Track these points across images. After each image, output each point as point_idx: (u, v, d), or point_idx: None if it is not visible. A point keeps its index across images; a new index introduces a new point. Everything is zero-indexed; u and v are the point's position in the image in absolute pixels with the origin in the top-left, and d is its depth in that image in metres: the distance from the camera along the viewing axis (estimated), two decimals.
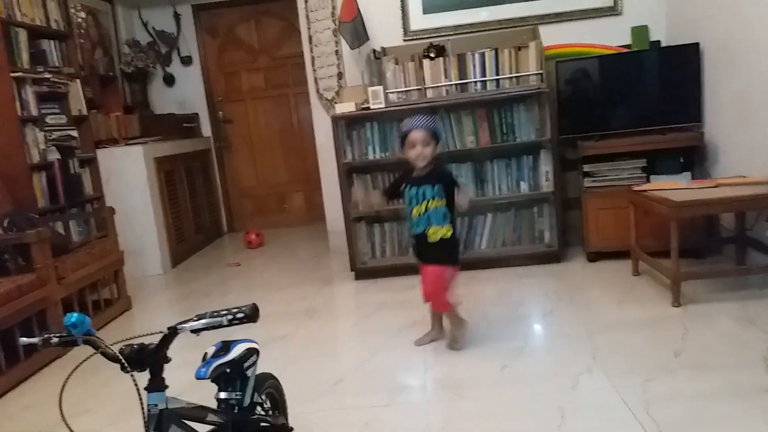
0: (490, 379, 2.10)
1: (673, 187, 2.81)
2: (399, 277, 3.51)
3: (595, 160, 3.41)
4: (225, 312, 1.11)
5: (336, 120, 3.48)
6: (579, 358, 2.18)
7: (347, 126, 3.56)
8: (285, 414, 1.70)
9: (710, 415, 1.71)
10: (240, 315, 1.10)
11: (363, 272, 3.62)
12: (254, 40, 5.55)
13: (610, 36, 3.67)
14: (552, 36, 3.62)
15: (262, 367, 1.57)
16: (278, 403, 1.67)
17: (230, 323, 1.10)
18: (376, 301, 3.18)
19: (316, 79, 4.14)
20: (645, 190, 2.88)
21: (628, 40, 3.65)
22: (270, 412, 1.60)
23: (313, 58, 4.11)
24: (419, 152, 2.26)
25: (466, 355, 2.34)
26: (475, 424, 1.83)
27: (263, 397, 1.57)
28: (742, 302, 2.55)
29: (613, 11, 3.73)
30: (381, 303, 3.13)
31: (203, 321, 1.11)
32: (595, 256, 3.45)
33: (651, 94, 3.51)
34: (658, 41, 3.65)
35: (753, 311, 2.44)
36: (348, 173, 3.60)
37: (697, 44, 3.30)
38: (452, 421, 1.86)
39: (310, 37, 4.08)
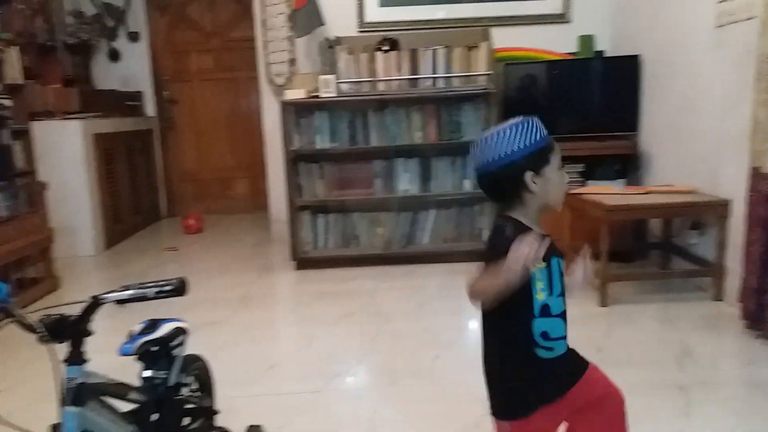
0: (422, 369, 2.14)
1: (607, 192, 2.92)
2: (341, 269, 3.52)
3: None
4: (152, 284, 1.08)
5: (285, 106, 3.44)
6: None
7: (296, 113, 3.53)
8: (212, 396, 1.67)
9: (627, 409, 1.79)
10: (168, 288, 1.08)
11: (304, 262, 3.60)
12: (206, 21, 5.41)
13: (558, 43, 3.78)
14: (503, 38, 3.70)
15: (194, 350, 1.55)
16: (205, 386, 1.65)
17: (157, 296, 1.08)
18: (315, 290, 3.17)
19: (267, 64, 4.08)
20: (581, 194, 2.99)
21: (574, 48, 3.77)
22: (196, 394, 1.58)
23: (265, 42, 4.06)
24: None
25: (402, 344, 2.37)
26: (404, 411, 1.86)
27: (190, 378, 1.55)
28: (664, 304, 2.69)
29: (562, 19, 3.85)
30: (321, 293, 3.12)
31: (129, 292, 1.08)
32: None
33: (593, 101, 3.64)
34: (603, 51, 3.79)
35: (673, 313, 2.58)
36: (295, 161, 3.57)
37: (637, 56, 3.45)
38: (382, 408, 1.88)
39: (263, 21, 4.02)
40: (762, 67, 2.15)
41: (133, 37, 5.24)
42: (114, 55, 5.23)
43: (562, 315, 1.17)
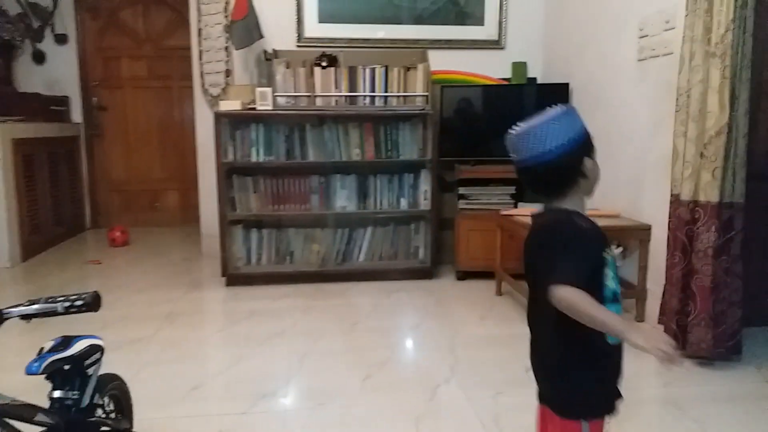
0: (352, 389, 2.11)
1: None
2: (274, 286, 3.45)
3: (470, 183, 3.58)
4: (62, 298, 1.01)
5: (219, 117, 3.36)
6: (439, 371, 2.25)
7: (231, 125, 3.46)
8: (130, 418, 1.58)
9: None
10: (79, 302, 1.01)
11: (235, 278, 3.50)
12: (140, 27, 5.24)
13: (492, 68, 3.90)
14: (440, 61, 3.77)
15: (113, 369, 1.46)
16: (123, 407, 1.56)
17: (67, 311, 1.01)
18: (246, 308, 3.08)
19: (202, 74, 3.99)
20: (511, 215, 3.07)
21: (508, 74, 3.89)
22: (112, 416, 1.49)
23: (201, 51, 3.96)
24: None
25: (332, 365, 2.33)
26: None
27: (106, 399, 1.46)
28: None
29: (497, 45, 3.97)
30: (251, 310, 3.04)
31: (35, 306, 1.00)
32: (463, 275, 3.60)
33: None
34: (535, 78, 3.93)
35: None
36: (228, 174, 3.49)
37: (566, 84, 3.59)
38: (309, 430, 1.83)
39: (199, 30, 3.93)
40: (680, 100, 2.28)
41: (61, 39, 5.00)
42: (39, 58, 4.97)
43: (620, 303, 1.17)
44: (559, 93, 3.61)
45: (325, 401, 2.02)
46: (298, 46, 3.82)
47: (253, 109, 3.37)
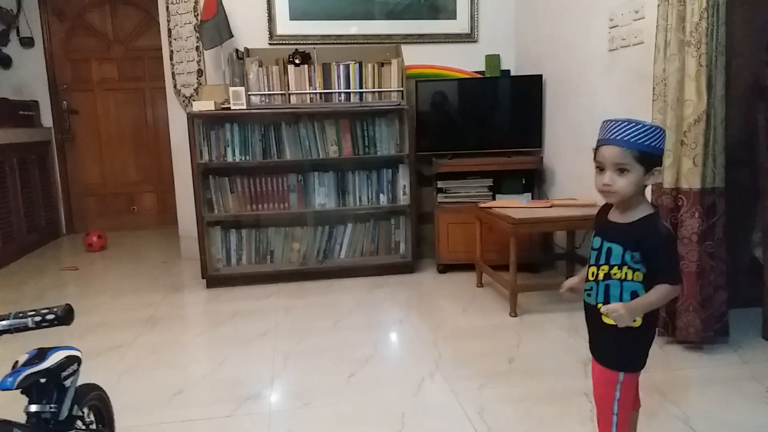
0: (336, 388, 2.11)
1: (514, 206, 3.04)
2: (255, 286, 3.43)
3: (448, 177, 3.59)
4: (32, 312, 0.99)
5: (192, 118, 3.32)
6: (423, 365, 2.26)
7: (205, 125, 3.42)
8: (111, 428, 1.56)
9: (535, 416, 1.85)
10: (50, 316, 0.99)
11: (216, 280, 3.47)
12: (108, 28, 5.15)
13: (466, 61, 3.91)
14: (413, 56, 3.77)
15: (93, 378, 1.44)
16: (104, 417, 1.53)
17: (38, 325, 0.98)
18: (227, 310, 3.06)
19: (174, 75, 3.94)
20: (490, 207, 3.09)
21: (482, 67, 3.91)
22: (93, 427, 1.47)
23: (172, 52, 3.91)
24: (606, 183, 1.34)
25: (316, 364, 2.33)
26: (318, 431, 1.82)
27: (85, 410, 1.43)
28: (570, 313, 2.81)
29: (469, 38, 3.98)
30: (233, 312, 3.02)
31: (5, 322, 0.98)
32: (444, 268, 3.62)
33: (500, 118, 3.77)
34: (508, 70, 3.95)
35: (578, 321, 2.69)
36: (204, 174, 3.45)
37: (540, 76, 3.62)
38: (295, 430, 1.83)
39: (169, 30, 3.88)
40: (657, 89, 2.30)
41: (27, 42, 4.89)
42: (5, 62, 4.86)
43: (599, 281, 1.42)
44: (532, 85, 3.64)
45: (310, 401, 2.01)
46: (270, 44, 3.78)
47: (227, 108, 3.34)
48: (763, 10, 2.56)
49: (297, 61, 3.46)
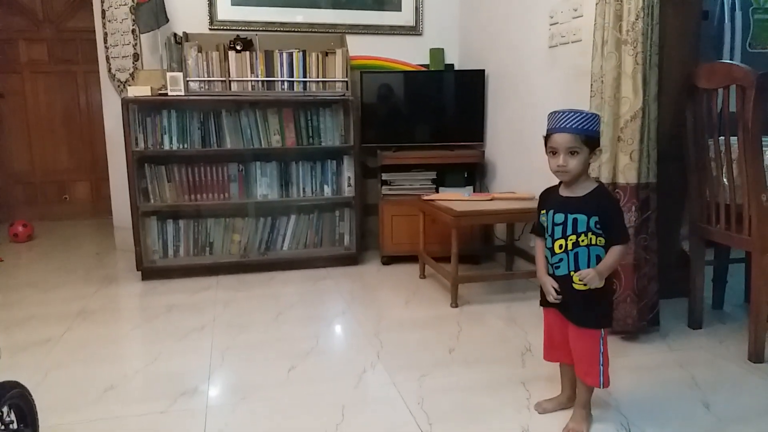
0: (276, 381, 2.07)
1: (456, 198, 3.07)
2: (192, 278, 3.34)
3: (392, 169, 3.59)
4: None
5: (127, 103, 3.18)
6: (364, 357, 2.26)
7: (141, 112, 3.29)
8: (35, 427, 1.48)
9: (474, 405, 1.88)
10: None
11: (151, 272, 3.36)
12: (37, 6, 4.89)
13: (410, 54, 3.92)
14: (358, 47, 3.75)
15: (17, 375, 1.36)
16: (26, 416, 1.45)
17: None
18: (163, 303, 2.97)
19: (108, 58, 3.76)
20: (433, 200, 3.11)
21: (426, 60, 3.92)
22: (13, 426, 1.39)
23: (106, 34, 3.74)
24: (561, 164, 1.58)
25: (255, 358, 2.29)
26: (255, 427, 1.78)
27: (5, 409, 1.36)
28: (508, 303, 2.87)
29: (414, 31, 3.99)
30: (169, 305, 2.92)
31: None
32: (388, 260, 3.62)
33: (444, 112, 3.80)
34: (452, 64, 3.98)
35: (516, 311, 2.76)
36: (140, 163, 3.32)
37: (482, 71, 3.66)
38: (231, 426, 1.79)
39: (103, 12, 3.71)
40: (595, 86, 2.36)
41: None
42: None
43: (568, 252, 1.64)
44: (475, 79, 3.68)
45: (248, 395, 1.97)
46: (211, 30, 3.67)
47: (164, 94, 3.22)
48: (692, 13, 2.67)
49: (238, 48, 3.37)
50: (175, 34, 3.46)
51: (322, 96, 3.49)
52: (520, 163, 3.32)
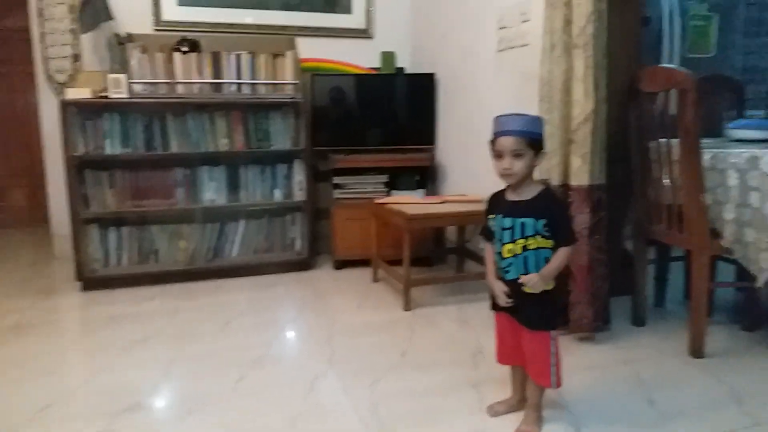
0: (224, 393, 2.00)
1: (408, 202, 3.06)
2: (136, 288, 3.22)
3: (344, 172, 3.56)
4: None
5: (66, 106, 3.04)
6: (316, 364, 2.22)
7: (81, 115, 3.15)
8: None
9: (427, 409, 1.86)
10: None
11: (93, 282, 3.22)
12: None
13: (362, 57, 3.90)
14: (309, 49, 3.71)
15: None
16: None
17: None
18: (105, 314, 2.84)
19: (45, 59, 3.59)
20: (385, 203, 3.09)
21: (378, 63, 3.91)
22: None
23: (42, 34, 3.57)
24: (506, 167, 1.58)
25: (202, 369, 2.21)
26: None
27: None
28: (460, 305, 2.88)
29: (365, 34, 3.97)
30: (111, 316, 2.80)
31: None
32: (341, 264, 3.59)
33: (395, 115, 3.80)
34: (403, 68, 3.98)
35: (467, 313, 2.77)
36: (79, 168, 3.18)
37: (433, 74, 3.68)
38: None
39: (39, 10, 3.53)
40: (543, 90, 2.39)
41: None
42: None
43: (517, 256, 1.65)
44: (426, 83, 3.69)
45: (195, 409, 1.90)
46: (156, 30, 3.56)
47: (106, 97, 3.10)
48: (634, 19, 2.75)
49: (184, 49, 3.27)
50: (117, 35, 3.34)
51: (271, 99, 3.43)
52: (470, 166, 3.34)
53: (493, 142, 1.62)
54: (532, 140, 1.57)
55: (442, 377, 2.09)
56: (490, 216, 1.70)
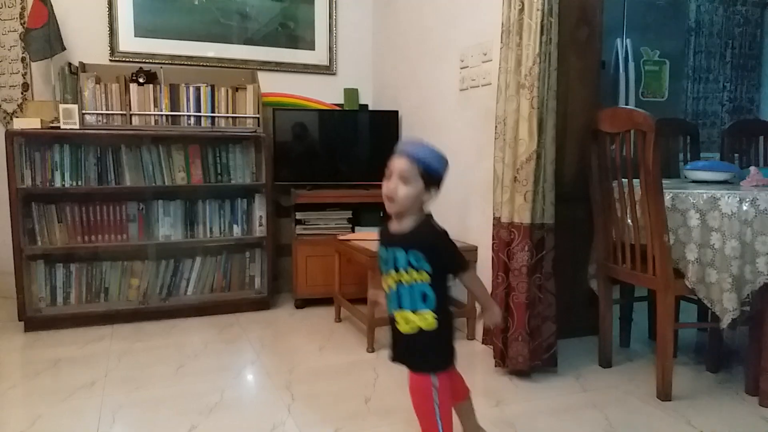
0: None
1: (372, 238, 3.00)
2: (85, 328, 3.05)
3: (307, 208, 3.49)
4: None
5: (12, 136, 2.90)
6: (275, 412, 2.10)
7: (29, 145, 3.01)
8: None
9: None
10: None
11: (36, 322, 3.02)
12: None
13: (325, 93, 3.88)
14: (271, 84, 3.67)
15: None
16: None
17: None
18: (49, 356, 2.66)
19: None
20: (349, 240, 3.03)
21: (341, 100, 3.89)
22: None
23: None
24: (391, 189, 1.47)
25: (151, 417, 2.06)
26: None
27: None
28: None
29: (328, 70, 3.97)
30: (55, 359, 2.62)
31: None
32: (302, 303, 3.48)
33: (359, 151, 3.77)
34: (367, 105, 3.98)
35: None
36: (25, 201, 3.02)
37: (396, 111, 3.68)
38: None
39: None
40: (498, 128, 2.40)
41: None
42: None
43: (392, 290, 1.53)
44: (389, 120, 3.69)
45: None
46: (111, 61, 3.46)
47: (56, 128, 2.97)
48: (593, 61, 2.81)
49: (141, 80, 3.18)
50: (70, 64, 3.23)
51: (231, 132, 3.36)
52: (436, 203, 3.31)
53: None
54: (427, 172, 1.46)
55: (406, 425, 2.00)
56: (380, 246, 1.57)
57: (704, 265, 2.10)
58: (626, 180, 2.31)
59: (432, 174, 1.47)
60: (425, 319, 1.46)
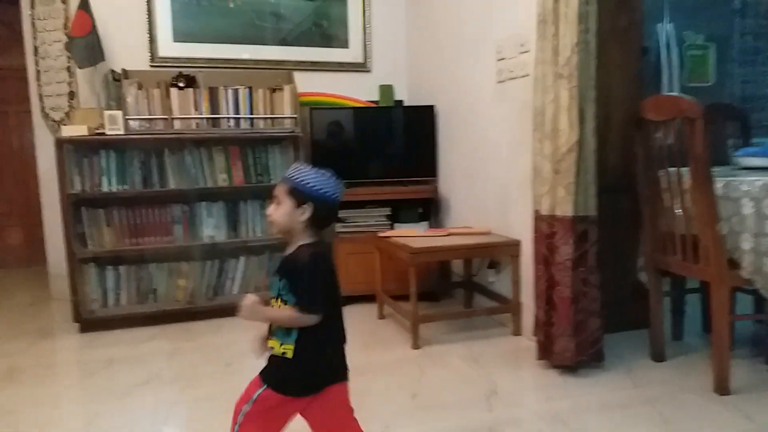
0: None
1: (412, 235, 3.00)
2: (135, 328, 3.13)
3: (346, 206, 3.50)
4: None
5: (61, 143, 3.00)
6: None
7: (77, 152, 3.11)
8: None
9: None
10: None
11: (90, 323, 3.12)
12: None
13: (360, 91, 3.89)
14: (306, 83, 3.70)
15: None
16: None
17: None
18: (103, 356, 2.75)
19: (41, 97, 3.56)
20: (389, 237, 3.03)
21: (376, 97, 3.89)
22: None
23: (38, 72, 3.55)
24: (269, 212, 1.44)
25: (204, 413, 2.11)
26: None
27: None
28: (470, 342, 2.79)
29: (363, 68, 3.97)
30: (110, 359, 2.71)
31: None
32: (345, 300, 3.48)
33: (396, 147, 3.77)
34: (402, 100, 3.97)
35: (478, 351, 2.68)
36: (76, 206, 3.12)
37: (432, 106, 3.66)
38: None
39: (35, 49, 3.52)
40: (537, 120, 2.36)
41: None
42: None
43: None
44: (425, 115, 3.67)
45: None
46: (152, 66, 3.54)
47: (102, 134, 3.06)
48: (634, 49, 2.74)
49: (181, 85, 3.25)
50: (113, 71, 3.32)
51: (270, 133, 3.40)
52: (474, 197, 3.30)
53: None
54: (293, 189, 1.39)
55: (455, 421, 2.00)
56: None
57: (761, 254, 2.02)
58: (674, 169, 2.24)
59: (299, 191, 1.39)
60: (284, 348, 1.42)
